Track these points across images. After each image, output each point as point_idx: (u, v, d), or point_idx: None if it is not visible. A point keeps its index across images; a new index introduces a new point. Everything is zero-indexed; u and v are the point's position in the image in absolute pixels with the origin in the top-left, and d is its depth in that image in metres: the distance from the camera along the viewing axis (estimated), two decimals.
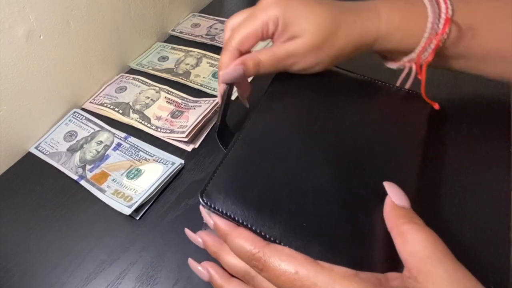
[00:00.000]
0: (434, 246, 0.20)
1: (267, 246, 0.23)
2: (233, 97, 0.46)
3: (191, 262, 0.29)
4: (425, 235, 0.20)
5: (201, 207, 0.27)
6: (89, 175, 0.40)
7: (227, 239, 0.25)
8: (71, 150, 0.43)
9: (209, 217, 0.26)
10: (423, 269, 0.19)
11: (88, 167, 0.41)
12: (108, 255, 0.34)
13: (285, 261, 0.21)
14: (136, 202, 0.36)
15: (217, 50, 0.56)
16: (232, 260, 0.25)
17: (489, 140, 0.37)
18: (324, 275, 0.20)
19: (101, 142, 0.44)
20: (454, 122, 0.40)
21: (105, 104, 0.48)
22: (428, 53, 0.32)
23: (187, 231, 0.29)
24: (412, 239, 0.20)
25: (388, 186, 0.25)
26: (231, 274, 0.26)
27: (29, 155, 0.44)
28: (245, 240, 0.23)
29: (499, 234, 0.30)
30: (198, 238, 0.28)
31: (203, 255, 0.33)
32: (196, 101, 0.46)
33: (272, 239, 0.24)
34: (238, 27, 0.33)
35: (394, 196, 0.24)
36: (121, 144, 0.43)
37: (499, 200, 0.33)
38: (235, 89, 0.39)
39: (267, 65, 0.33)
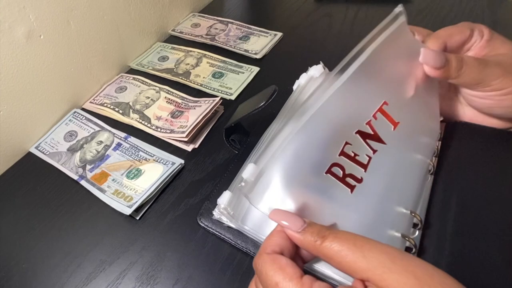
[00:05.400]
0: (358, 248, 0.20)
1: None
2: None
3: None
4: (342, 244, 0.21)
5: None
6: (89, 175, 0.40)
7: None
8: (71, 150, 0.43)
9: None
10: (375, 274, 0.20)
11: (88, 167, 0.41)
12: (108, 255, 0.34)
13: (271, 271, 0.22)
14: (136, 202, 0.36)
15: (217, 50, 0.56)
16: None
17: None
18: None
19: (101, 142, 0.44)
20: None
21: (105, 104, 0.48)
22: None
23: None
24: (340, 256, 0.21)
25: (275, 216, 0.24)
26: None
27: (29, 155, 0.44)
28: None
29: None
30: None
31: (202, 256, 0.33)
32: (196, 101, 0.47)
33: None
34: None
35: (290, 225, 0.23)
36: (121, 144, 0.43)
37: None
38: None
39: (471, 65, 0.31)
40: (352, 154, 0.30)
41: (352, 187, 0.29)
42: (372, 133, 0.31)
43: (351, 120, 0.31)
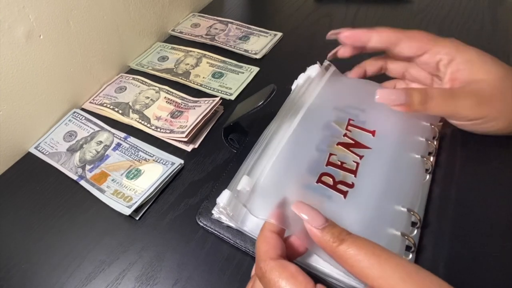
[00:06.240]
0: (375, 256, 0.20)
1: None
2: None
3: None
4: (359, 249, 0.21)
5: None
6: (88, 175, 0.40)
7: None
8: (71, 150, 0.43)
9: None
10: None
11: (87, 167, 0.41)
12: (107, 255, 0.34)
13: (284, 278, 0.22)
14: (136, 202, 0.36)
15: (217, 50, 0.56)
16: None
17: None
18: None
19: (100, 142, 0.44)
20: None
21: (104, 104, 0.48)
22: None
23: None
24: (355, 260, 0.21)
25: (298, 209, 0.24)
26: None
27: (29, 155, 0.44)
28: None
29: None
30: None
31: (201, 256, 0.33)
32: (196, 101, 0.47)
33: None
34: None
35: (311, 220, 0.23)
36: (120, 144, 0.43)
37: None
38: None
39: (437, 98, 0.30)
40: (339, 163, 0.32)
41: (344, 193, 0.30)
42: (353, 142, 0.34)
43: (326, 138, 0.34)
